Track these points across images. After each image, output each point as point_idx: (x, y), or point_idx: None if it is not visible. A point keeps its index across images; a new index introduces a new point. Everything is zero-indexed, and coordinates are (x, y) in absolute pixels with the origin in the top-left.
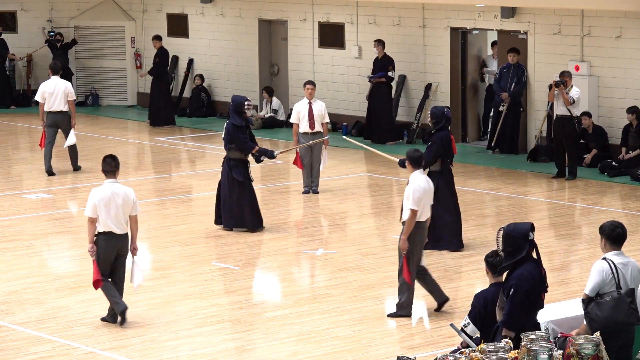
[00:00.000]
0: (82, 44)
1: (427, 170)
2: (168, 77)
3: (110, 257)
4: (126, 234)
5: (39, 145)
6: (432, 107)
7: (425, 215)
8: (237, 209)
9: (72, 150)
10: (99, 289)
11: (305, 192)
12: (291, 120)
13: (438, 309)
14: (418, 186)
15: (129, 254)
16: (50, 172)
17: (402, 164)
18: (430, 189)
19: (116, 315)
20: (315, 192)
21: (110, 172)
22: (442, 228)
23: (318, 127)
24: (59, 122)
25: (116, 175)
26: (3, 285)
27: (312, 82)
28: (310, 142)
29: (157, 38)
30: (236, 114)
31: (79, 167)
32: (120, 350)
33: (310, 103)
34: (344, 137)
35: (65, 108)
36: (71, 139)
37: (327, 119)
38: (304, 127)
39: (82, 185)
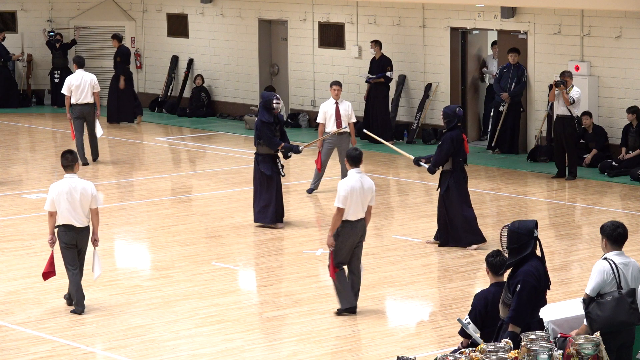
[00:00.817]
0: (82, 44)
1: (440, 169)
2: (130, 74)
3: (72, 248)
4: (86, 227)
5: (71, 138)
6: (444, 107)
7: (355, 215)
8: (265, 203)
9: (95, 140)
10: (47, 280)
11: (310, 191)
12: (318, 120)
13: (339, 313)
14: (346, 185)
15: (92, 246)
16: (85, 163)
17: (417, 162)
18: (365, 190)
19: (71, 298)
20: (310, 191)
21: (69, 166)
22: (456, 227)
23: (345, 127)
24: (86, 114)
25: (75, 170)
26: (3, 285)
27: (338, 83)
28: (330, 132)
29: (116, 37)
30: (265, 110)
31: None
32: (120, 351)
33: (337, 103)
34: (364, 130)
35: (91, 100)
36: (99, 130)
37: (354, 119)
38: (331, 127)
39: None
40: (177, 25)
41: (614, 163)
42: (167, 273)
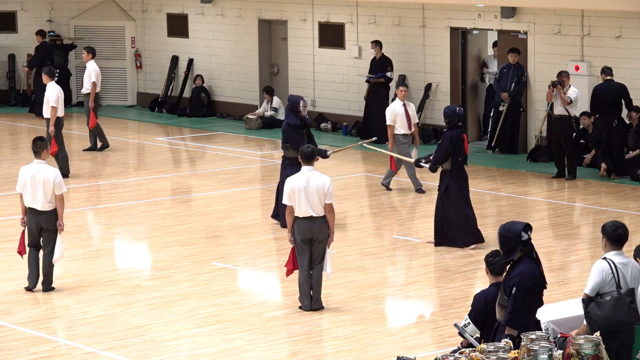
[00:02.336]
0: (82, 44)
1: (440, 168)
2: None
3: (34, 230)
4: (49, 211)
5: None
6: (445, 106)
7: (303, 212)
8: None
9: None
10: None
11: (385, 186)
12: (387, 123)
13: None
14: (289, 182)
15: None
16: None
17: (417, 163)
18: (310, 188)
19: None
20: (421, 191)
21: (37, 152)
22: (454, 227)
23: (413, 128)
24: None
25: (42, 156)
26: (3, 285)
27: (405, 84)
28: (360, 142)
29: (39, 33)
30: (292, 113)
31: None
32: (120, 350)
33: (404, 104)
34: (360, 143)
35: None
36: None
37: (417, 120)
38: (403, 129)
39: (81, 185)
40: (177, 25)
41: None
42: (167, 273)
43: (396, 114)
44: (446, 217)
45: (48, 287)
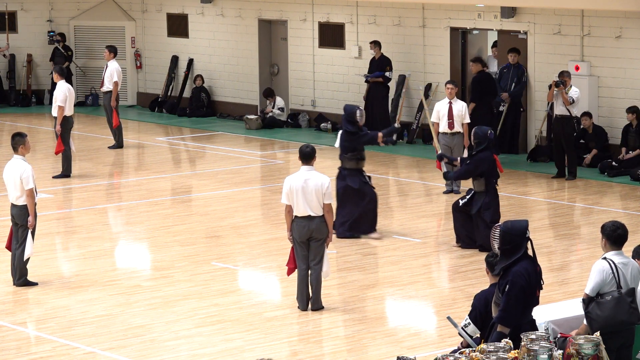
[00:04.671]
0: (82, 44)
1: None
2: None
3: (13, 225)
4: (19, 206)
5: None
6: (475, 127)
7: (301, 211)
8: (345, 219)
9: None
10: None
11: (446, 192)
12: (431, 120)
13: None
14: (286, 182)
15: None
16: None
17: (440, 157)
18: (308, 187)
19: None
20: (457, 192)
21: (14, 148)
22: (485, 241)
23: (457, 128)
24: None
25: (19, 152)
26: (3, 285)
27: (453, 82)
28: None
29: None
30: (349, 124)
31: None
32: (120, 350)
33: (450, 103)
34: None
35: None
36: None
37: (468, 119)
38: (443, 127)
39: (81, 185)
40: (177, 25)
41: (614, 163)
42: (167, 273)
43: (439, 111)
44: (475, 235)
45: (19, 281)
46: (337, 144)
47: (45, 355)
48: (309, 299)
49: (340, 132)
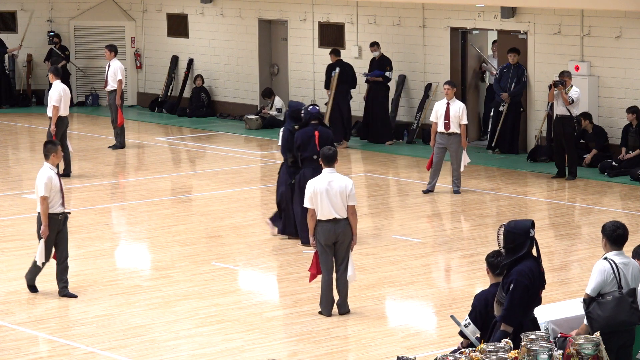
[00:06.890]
0: (82, 44)
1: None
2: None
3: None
4: (38, 213)
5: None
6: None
7: (326, 215)
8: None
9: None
10: None
11: (426, 192)
12: (430, 119)
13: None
14: (309, 185)
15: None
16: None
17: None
18: (333, 190)
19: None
20: (457, 192)
21: (45, 156)
22: None
23: (454, 129)
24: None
25: (50, 159)
26: (3, 285)
27: (450, 83)
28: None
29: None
30: (292, 120)
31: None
32: (120, 350)
33: (448, 103)
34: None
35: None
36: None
37: (465, 121)
38: (440, 127)
39: (81, 185)
40: (177, 25)
41: (614, 163)
42: (167, 273)
43: (437, 111)
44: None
45: (28, 287)
46: (279, 142)
47: (45, 355)
48: (334, 303)
49: (282, 129)
